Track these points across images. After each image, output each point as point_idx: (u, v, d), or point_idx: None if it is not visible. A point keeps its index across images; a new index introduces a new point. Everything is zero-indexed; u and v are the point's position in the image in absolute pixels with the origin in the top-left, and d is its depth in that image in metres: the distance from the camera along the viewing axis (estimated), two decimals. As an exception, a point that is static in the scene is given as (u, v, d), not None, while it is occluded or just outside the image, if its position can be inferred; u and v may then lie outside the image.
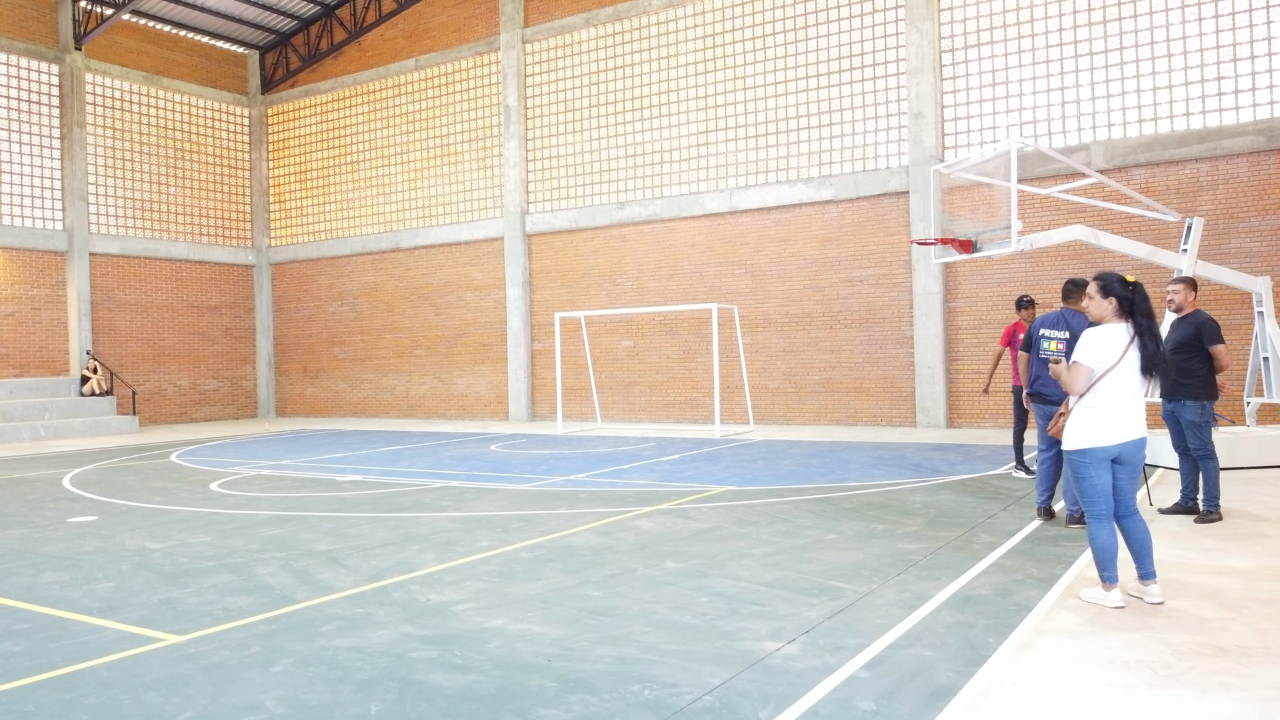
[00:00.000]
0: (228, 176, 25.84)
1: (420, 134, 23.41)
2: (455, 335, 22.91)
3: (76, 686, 4.39)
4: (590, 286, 20.78)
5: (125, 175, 23.48)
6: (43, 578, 6.70)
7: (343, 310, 24.92)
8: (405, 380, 23.75)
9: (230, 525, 8.65)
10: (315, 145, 25.41)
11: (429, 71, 23.24)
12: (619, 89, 20.39)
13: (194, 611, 5.65)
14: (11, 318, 21.34)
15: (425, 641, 4.92)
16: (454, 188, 22.89)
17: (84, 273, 22.30)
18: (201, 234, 25.15)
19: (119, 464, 14.53)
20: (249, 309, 26.20)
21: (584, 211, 20.75)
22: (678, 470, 11.87)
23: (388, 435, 18.84)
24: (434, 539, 7.72)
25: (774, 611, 5.32)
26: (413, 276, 23.60)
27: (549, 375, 20.96)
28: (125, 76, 23.37)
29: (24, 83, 21.62)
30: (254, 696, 4.19)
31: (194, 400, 24.71)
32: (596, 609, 5.47)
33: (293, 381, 26.00)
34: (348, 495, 10.41)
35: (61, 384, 21.86)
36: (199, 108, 25.13)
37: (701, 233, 19.42)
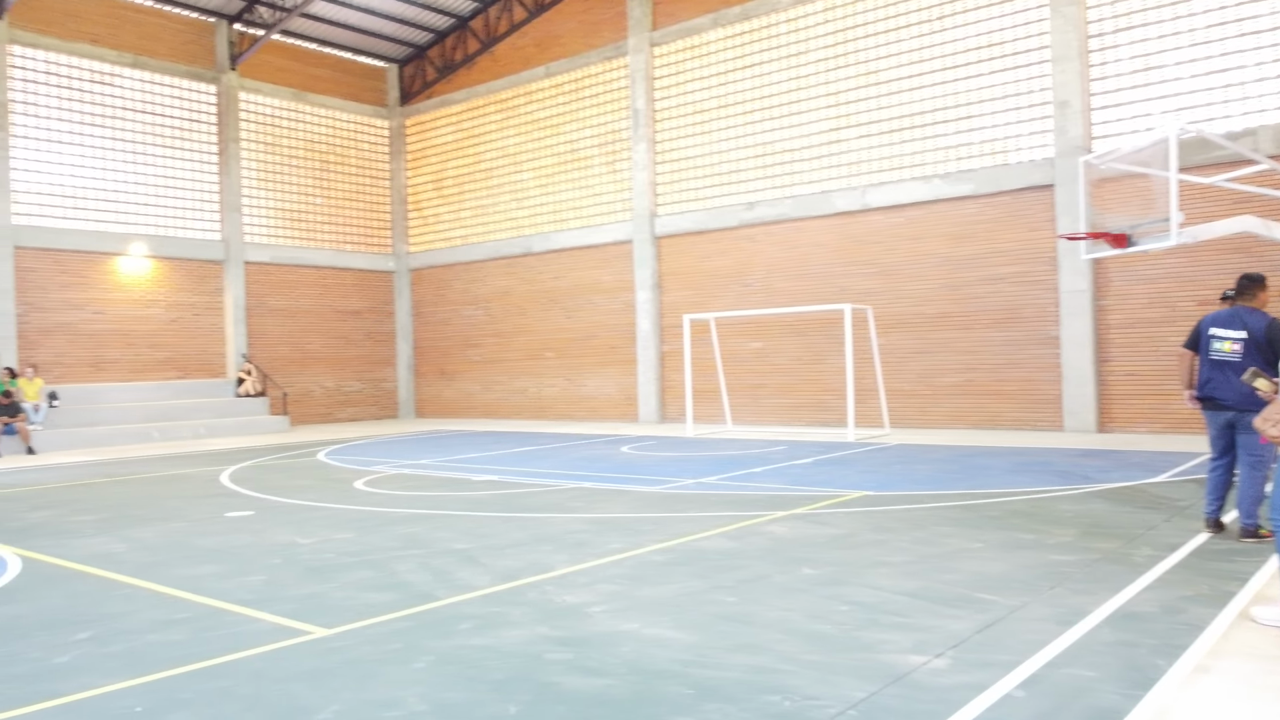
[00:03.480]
0: (369, 186, 26.87)
1: (550, 140, 23.77)
2: (584, 338, 23.16)
3: (230, 676, 4.56)
4: (718, 288, 20.66)
5: (275, 187, 24.71)
6: (200, 569, 7.04)
7: (476, 314, 25.55)
8: (536, 382, 24.16)
9: (372, 522, 8.92)
10: (450, 154, 26.15)
11: (559, 78, 23.58)
12: (747, 88, 20.20)
13: (338, 606, 5.82)
14: (175, 323, 22.75)
15: (559, 643, 4.92)
16: (583, 192, 23.15)
17: (239, 280, 23.58)
18: (344, 242, 26.23)
19: (271, 462, 15.25)
20: (389, 313, 27.17)
21: (712, 213, 20.64)
22: (810, 474, 11.62)
23: (519, 436, 19.19)
24: (566, 540, 7.75)
25: (917, 623, 5.09)
26: (543, 280, 23.98)
27: (678, 377, 20.94)
28: (275, 94, 24.59)
29: (185, 103, 23.01)
30: (395, 693, 4.26)
31: (338, 401, 25.78)
32: (730, 615, 5.36)
33: (430, 383, 26.83)
34: (482, 495, 10.60)
35: (219, 386, 23.16)
36: (342, 121, 26.22)
37: (831, 232, 19.03)
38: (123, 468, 15.12)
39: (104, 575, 6.94)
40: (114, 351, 21.70)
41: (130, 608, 5.96)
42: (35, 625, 5.59)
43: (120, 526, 9.17)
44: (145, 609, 5.91)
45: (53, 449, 18.74)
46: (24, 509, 10.64)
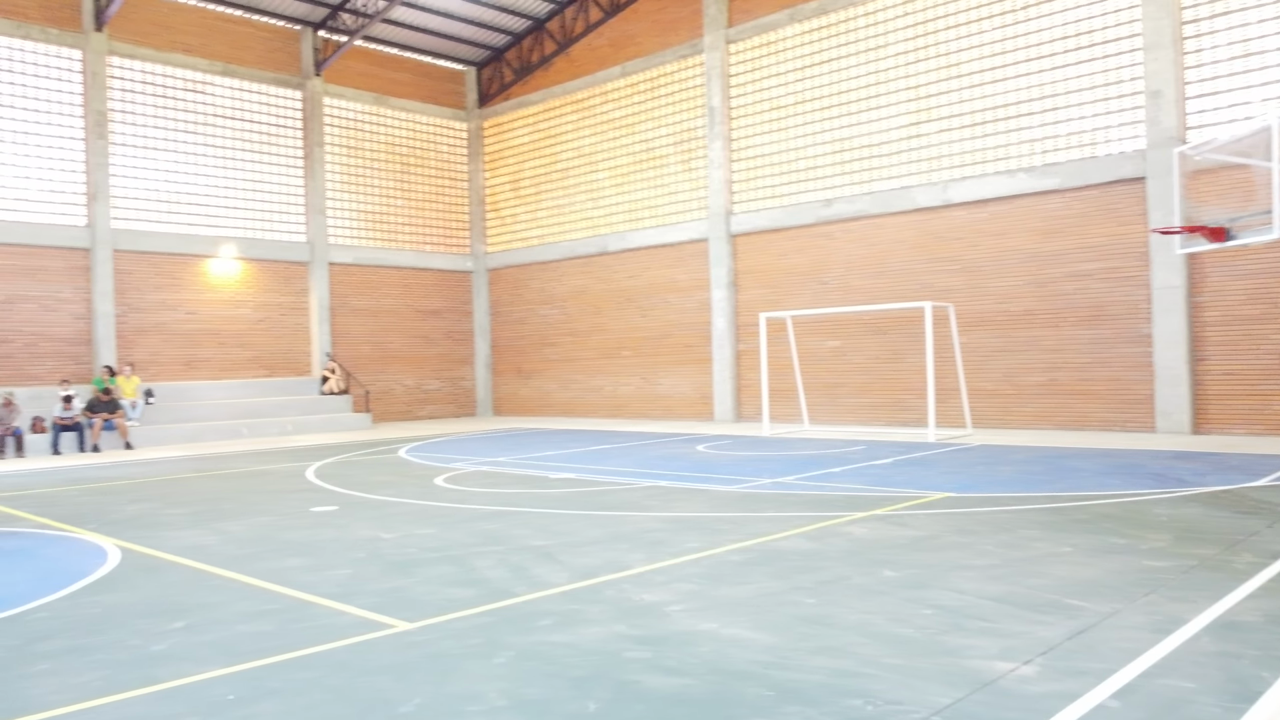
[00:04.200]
0: (447, 188, 27.31)
1: (626, 139, 23.84)
2: (660, 336, 23.17)
3: (316, 667, 4.67)
4: (795, 286, 20.46)
5: (357, 190, 25.27)
6: (288, 563, 7.23)
7: (553, 313, 25.77)
8: (611, 381, 24.26)
9: (452, 519, 9.05)
10: (527, 154, 26.41)
11: (634, 77, 23.63)
12: (824, 83, 19.96)
13: (420, 601, 5.91)
14: (262, 323, 23.44)
15: (637, 642, 4.92)
16: (658, 191, 23.16)
17: (323, 281, 24.18)
18: (424, 243, 26.70)
19: (354, 458, 15.60)
20: (467, 313, 27.58)
21: (789, 210, 20.46)
22: (890, 475, 11.43)
23: (595, 435, 19.28)
24: (642, 538, 7.76)
25: (1003, 629, 4.96)
26: (619, 279, 24.07)
27: (753, 376, 20.81)
28: (357, 98, 25.15)
29: (272, 109, 23.69)
30: (476, 687, 4.30)
31: (419, 399, 26.27)
32: (810, 617, 5.29)
33: (507, 381, 27.16)
34: (559, 493, 10.68)
35: (304, 384, 23.79)
36: (421, 124, 26.69)
37: (911, 228, 18.69)
38: (213, 463, 15.64)
39: (197, 567, 7.18)
40: (205, 350, 22.46)
41: (222, 598, 6.15)
42: (134, 614, 5.81)
43: (211, 520, 9.48)
44: (236, 600, 6.10)
45: (149, 444, 19.47)
46: (122, 502, 11.07)
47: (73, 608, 6.04)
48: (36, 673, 4.70)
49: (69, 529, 9.16)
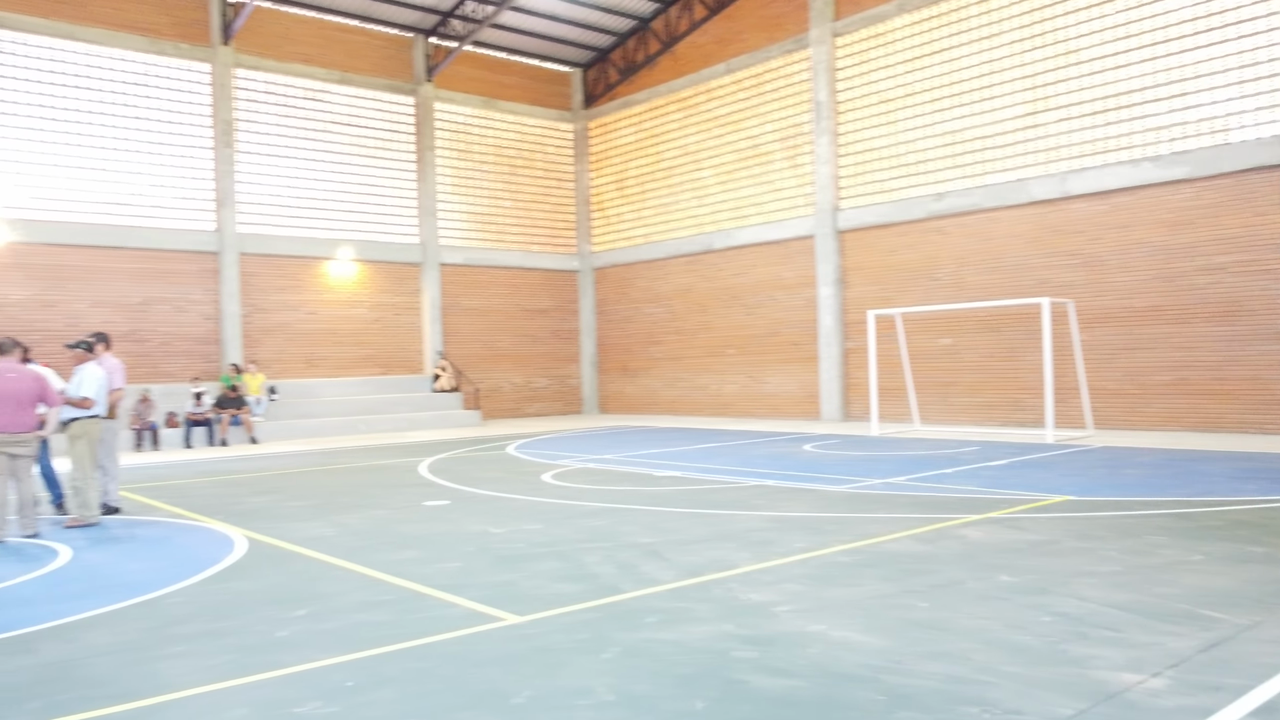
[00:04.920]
0: (554, 189, 27.67)
1: (731, 136, 23.72)
2: (766, 334, 22.98)
3: (430, 657, 4.79)
4: (904, 282, 20.01)
5: (467, 192, 25.84)
6: (402, 555, 7.43)
7: (658, 311, 25.84)
8: (717, 379, 24.18)
9: (559, 515, 9.16)
10: (632, 154, 26.56)
11: (739, 74, 23.49)
12: (935, 74, 19.46)
13: (529, 595, 6.00)
14: (377, 323, 24.20)
15: (745, 641, 4.88)
16: (764, 187, 22.97)
17: (435, 282, 24.82)
18: (531, 243, 27.13)
19: (465, 454, 15.96)
20: (574, 312, 27.90)
21: (898, 205, 20.02)
22: (1005, 476, 11.06)
23: (701, 433, 19.25)
24: (749, 538, 7.70)
25: (1130, 639, 4.73)
26: (724, 277, 23.98)
27: (862, 374, 20.44)
28: (466, 102, 25.71)
29: (386, 115, 24.43)
30: (585, 682, 4.34)
31: (526, 396, 26.71)
32: (923, 621, 5.16)
33: (613, 379, 27.37)
34: (665, 490, 10.69)
35: (416, 381, 24.47)
36: (528, 126, 27.12)
37: (1027, 222, 18.05)
38: (332, 457, 16.22)
39: (317, 557, 7.45)
40: (324, 349, 23.31)
41: (340, 588, 6.37)
42: (260, 601, 6.06)
43: (330, 512, 9.83)
44: (353, 590, 6.30)
45: (272, 439, 20.33)
46: (248, 494, 11.58)
47: (204, 594, 6.34)
48: (173, 654, 4.95)
49: (200, 519, 9.63)
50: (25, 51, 19.31)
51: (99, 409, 9.61)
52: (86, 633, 5.43)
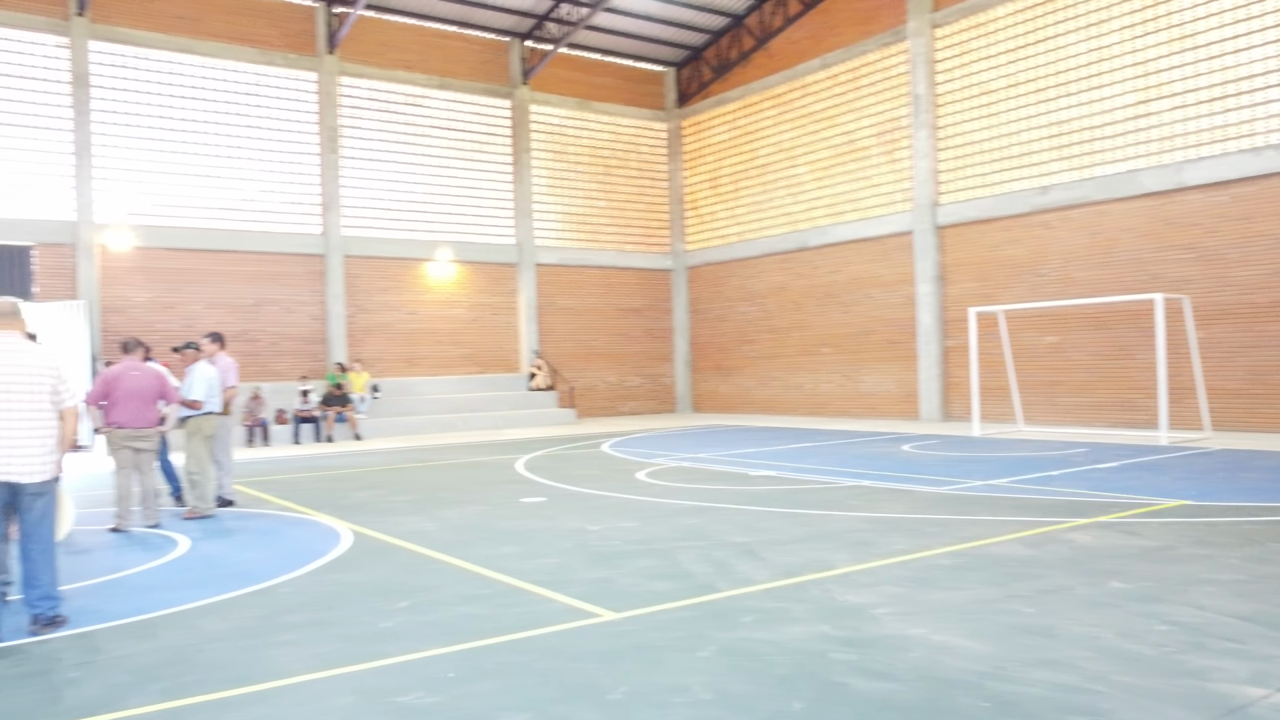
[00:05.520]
0: (647, 188, 27.76)
1: (826, 132, 23.41)
2: (862, 333, 22.62)
3: (528, 650, 4.86)
4: (1007, 279, 19.43)
5: (562, 193, 26.13)
6: (501, 550, 7.56)
7: (752, 310, 25.68)
8: (812, 378, 23.91)
9: (654, 513, 9.18)
10: (725, 152, 26.45)
11: (834, 69, 23.16)
12: (1040, 64, 18.83)
13: (625, 592, 6.03)
14: (475, 322, 24.68)
15: (843, 643, 4.81)
16: (860, 183, 22.60)
17: (530, 282, 25.17)
18: (625, 242, 27.27)
19: (560, 452, 16.14)
20: (667, 311, 27.95)
21: (1000, 199, 19.45)
22: (1116, 479, 10.64)
23: (795, 432, 19.06)
24: (846, 538, 7.59)
25: (1254, 651, 4.50)
26: (819, 275, 23.68)
27: (962, 373, 19.93)
28: (561, 104, 25.99)
29: (483, 118, 24.87)
30: (681, 679, 4.34)
31: (620, 395, 26.87)
32: (1029, 627, 5.00)
33: (706, 378, 27.32)
34: (759, 490, 10.62)
35: (513, 380, 24.86)
36: (622, 126, 27.27)
37: (1138, 214, 17.32)
38: (432, 454, 16.60)
39: (418, 551, 7.63)
40: (424, 348, 23.88)
41: (441, 581, 6.51)
42: (365, 592, 6.24)
43: (431, 507, 10.06)
44: (454, 583, 6.44)
45: (375, 435, 20.92)
46: (353, 488, 11.94)
47: (312, 584, 6.57)
48: (283, 642, 5.14)
49: (308, 512, 9.97)
50: (147, 66, 20.30)
51: (211, 406, 10.03)
52: (204, 619, 5.68)
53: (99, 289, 19.52)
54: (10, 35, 18.90)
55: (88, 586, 6.65)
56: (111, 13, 19.86)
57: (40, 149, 19.14)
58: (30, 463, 5.47)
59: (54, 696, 4.38)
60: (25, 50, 19.08)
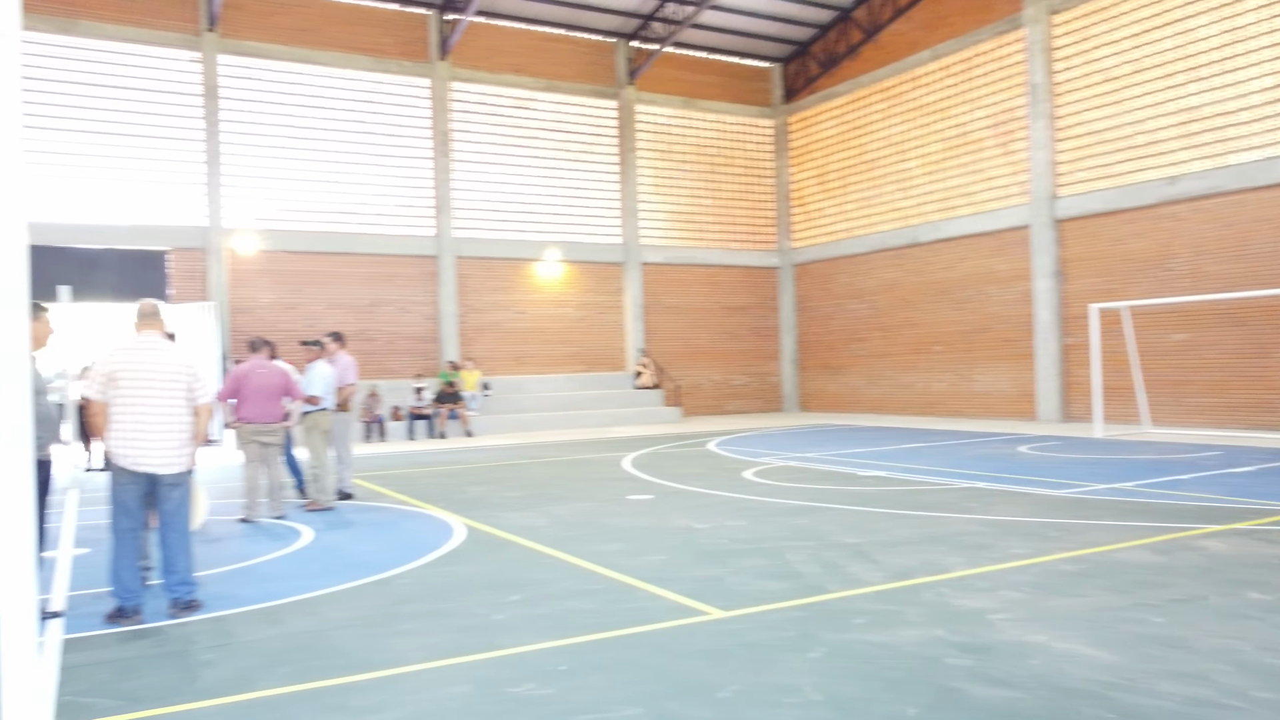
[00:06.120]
0: (753, 185, 27.58)
1: (938, 124, 22.83)
2: (975, 330, 21.98)
3: (637, 646, 4.89)
4: (1132, 274, 18.59)
5: (667, 192, 26.19)
6: (610, 546, 7.63)
7: (861, 308, 25.25)
8: (923, 377, 23.36)
9: (762, 512, 9.13)
10: (833, 147, 26.07)
11: (946, 60, 22.57)
12: (1167, 48, 17.95)
13: (733, 590, 6.02)
14: (582, 321, 24.96)
15: (959, 648, 4.69)
16: (974, 177, 21.97)
17: (636, 281, 25.32)
18: (731, 240, 27.16)
19: (666, 450, 16.19)
20: (773, 309, 27.72)
21: (1124, 191, 18.62)
22: (1254, 485, 10.07)
23: (906, 432, 18.66)
24: (961, 541, 7.39)
25: None
26: (931, 271, 23.12)
27: (1082, 372, 19.14)
28: (666, 103, 26.05)
29: (590, 119, 25.13)
30: (791, 680, 4.30)
31: (726, 394, 26.79)
32: (1158, 637, 4.78)
33: (814, 377, 26.99)
34: (869, 490, 10.44)
35: (619, 378, 25.06)
36: (728, 124, 27.16)
37: (1278, 205, 16.33)
38: (541, 451, 16.86)
39: (529, 546, 7.77)
40: (532, 347, 24.28)
41: (552, 576, 6.61)
42: (478, 585, 6.39)
43: (541, 503, 10.22)
44: (564, 578, 6.53)
45: (486, 432, 21.38)
46: (465, 484, 12.23)
47: (428, 576, 6.76)
48: (402, 631, 5.30)
49: (423, 506, 10.26)
50: (270, 77, 21.22)
51: (328, 402, 10.42)
52: (327, 607, 5.91)
53: (228, 291, 20.50)
54: (148, 52, 20.02)
55: (220, 573, 7.00)
56: (239, 27, 20.83)
57: (174, 159, 20.22)
58: (168, 455, 5.78)
59: (192, 676, 4.63)
60: (161, 66, 20.18)
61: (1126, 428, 17.62)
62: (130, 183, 19.82)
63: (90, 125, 19.50)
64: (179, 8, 20.33)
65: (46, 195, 18.86)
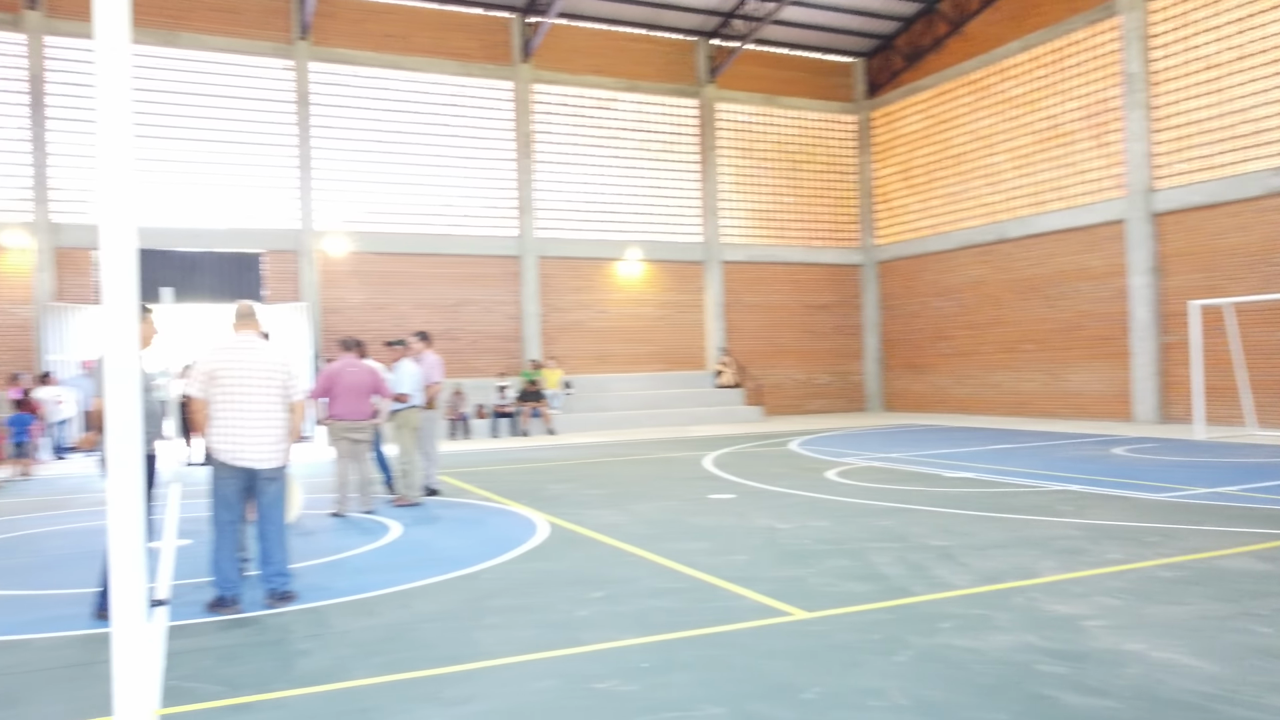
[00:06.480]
0: (836, 182, 27.26)
1: (1027, 117, 22.23)
2: (1068, 328, 21.34)
3: (721, 645, 4.88)
4: (1236, 269, 17.82)
5: (748, 190, 26.06)
6: (692, 545, 7.63)
7: (947, 305, 24.74)
8: (1012, 376, 22.78)
9: (845, 512, 9.02)
10: (918, 142, 25.60)
11: (1036, 50, 21.95)
12: (1273, 33, 17.15)
13: (817, 591, 5.96)
14: (663, 320, 25.01)
15: (1052, 655, 4.57)
16: (1065, 170, 21.32)
17: (717, 280, 25.26)
18: (813, 238, 26.89)
19: (747, 449, 16.12)
20: (856, 307, 27.35)
21: (1228, 183, 17.87)
22: (1368, 490, 9.57)
23: (994, 433, 18.22)
24: (1053, 545, 7.19)
25: None
26: (1020, 268, 22.53)
27: (1182, 372, 18.42)
28: (748, 101, 25.92)
29: (670, 119, 25.15)
30: (876, 683, 4.25)
31: (808, 393, 26.54)
32: (1266, 648, 4.58)
33: (898, 376, 26.55)
34: (956, 492, 10.23)
35: (699, 377, 25.03)
36: (809, 120, 26.89)
37: (1398, 194, 15.49)
38: (622, 449, 16.95)
39: (612, 543, 7.82)
40: (613, 346, 24.42)
41: (634, 573, 6.65)
42: (562, 581, 6.46)
43: (622, 501, 10.28)
44: (646, 576, 6.56)
45: (568, 430, 21.59)
46: (548, 481, 12.37)
47: (513, 571, 6.86)
48: (488, 625, 5.40)
49: (507, 502, 10.41)
50: (359, 83, 21.78)
51: (416, 400, 10.64)
52: (416, 600, 6.04)
53: (319, 291, 21.11)
54: (244, 61, 20.75)
55: (313, 565, 7.22)
56: (330, 35, 21.42)
57: (268, 164, 20.92)
58: (265, 450, 5.99)
59: (288, 664, 4.78)
60: (256, 74, 20.89)
61: (1229, 430, 16.90)
62: (227, 187, 20.57)
63: (190, 133, 20.30)
64: (273, 17, 21.01)
65: (150, 200, 19.70)
